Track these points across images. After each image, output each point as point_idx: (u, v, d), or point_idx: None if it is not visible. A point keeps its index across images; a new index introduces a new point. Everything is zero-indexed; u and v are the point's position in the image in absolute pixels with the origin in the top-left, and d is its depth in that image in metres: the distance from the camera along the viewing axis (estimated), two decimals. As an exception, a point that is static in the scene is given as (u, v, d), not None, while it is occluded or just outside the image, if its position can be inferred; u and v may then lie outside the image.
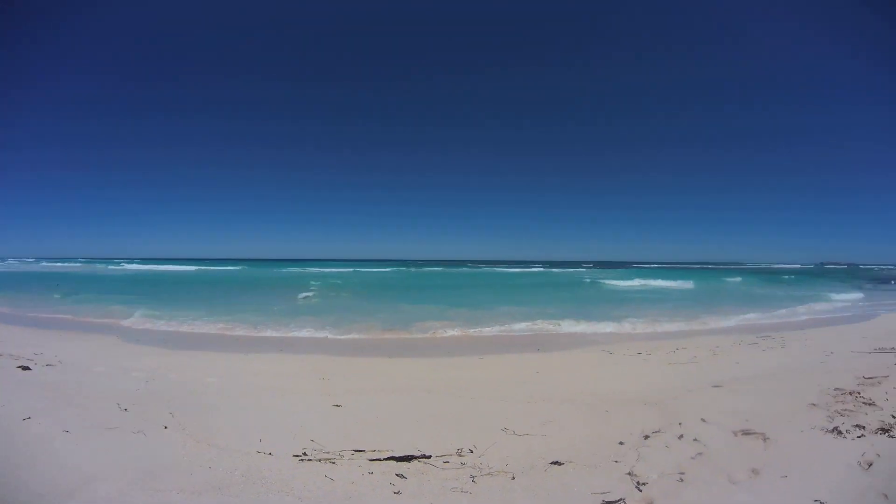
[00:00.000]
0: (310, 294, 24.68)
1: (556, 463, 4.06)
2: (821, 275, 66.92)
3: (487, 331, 13.48)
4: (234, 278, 43.54)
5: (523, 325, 14.37)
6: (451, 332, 13.07)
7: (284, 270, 60.35)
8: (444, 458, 4.13)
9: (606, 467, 3.99)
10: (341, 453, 4.19)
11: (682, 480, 3.75)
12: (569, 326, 14.37)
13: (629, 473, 3.86)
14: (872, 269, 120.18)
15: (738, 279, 47.20)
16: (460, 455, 4.20)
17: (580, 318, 15.66)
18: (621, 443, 4.51)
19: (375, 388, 6.83)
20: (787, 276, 55.11)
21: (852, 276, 64.85)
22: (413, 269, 70.99)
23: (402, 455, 4.11)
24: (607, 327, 14.29)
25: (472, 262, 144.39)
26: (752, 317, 17.18)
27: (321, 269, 60.97)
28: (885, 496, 3.45)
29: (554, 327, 14.25)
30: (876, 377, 6.80)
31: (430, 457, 4.12)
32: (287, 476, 3.80)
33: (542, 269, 79.14)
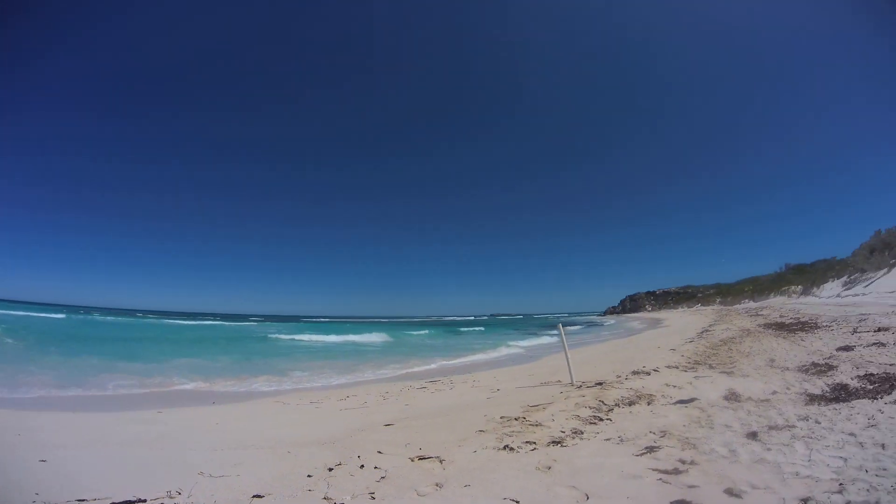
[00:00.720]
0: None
1: (257, 496, 4.47)
2: (496, 325, 79.75)
3: (163, 384, 13.59)
4: None
5: (198, 377, 14.77)
6: (128, 388, 12.90)
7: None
8: (159, 501, 4.38)
9: (303, 496, 4.47)
10: (67, 502, 4.29)
11: (373, 498, 4.30)
12: (243, 380, 14.91)
13: (325, 498, 4.34)
14: (549, 317, 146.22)
15: (425, 332, 51.77)
16: (171, 497, 4.47)
17: (253, 371, 16.75)
18: (309, 475, 5.00)
19: (67, 442, 6.63)
20: (465, 329, 61.72)
21: (527, 324, 79.82)
22: (84, 316, 66.45)
23: (121, 500, 4.33)
24: (280, 380, 15.00)
25: (142, 311, 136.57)
26: (433, 365, 19.13)
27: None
28: (573, 487, 4.22)
29: (229, 380, 14.64)
30: (541, 404, 7.91)
31: (145, 500, 4.37)
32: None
33: (214, 321, 76.74)
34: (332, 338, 37.65)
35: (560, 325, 12.59)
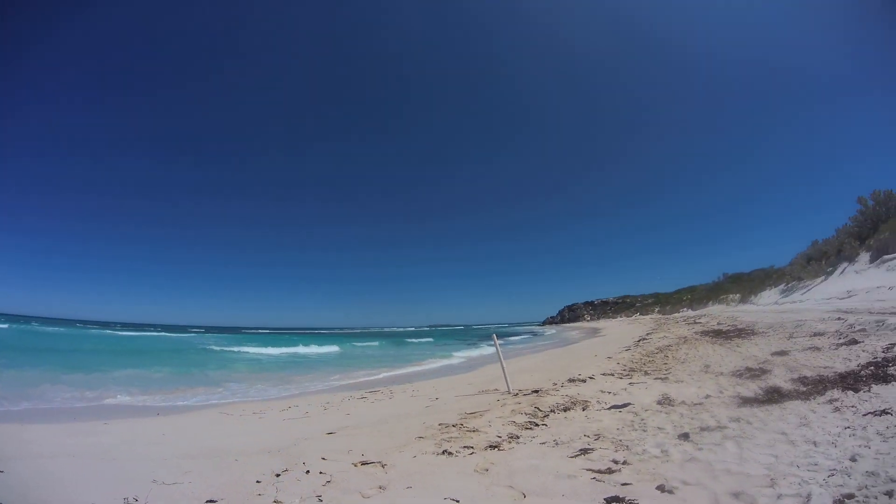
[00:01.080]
0: None
1: (210, 501, 4.72)
2: (438, 335, 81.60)
3: (106, 396, 13.71)
4: None
5: (141, 389, 14.98)
6: (72, 400, 13.04)
7: None
8: (118, 508, 4.69)
9: (254, 500, 4.72)
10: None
11: (321, 500, 4.54)
12: (187, 391, 15.23)
13: (275, 501, 4.59)
14: (490, 327, 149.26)
15: (376, 343, 52.26)
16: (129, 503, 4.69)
17: (196, 383, 17.18)
18: (258, 481, 5.23)
19: (20, 454, 6.77)
20: (413, 340, 63.53)
21: (468, 334, 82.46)
22: (24, 326, 64.64)
23: (86, 508, 4.66)
24: (223, 392, 15.39)
25: (82, 321, 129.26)
26: (379, 376, 19.70)
27: None
28: (511, 486, 4.48)
29: (172, 392, 14.93)
30: (478, 411, 8.26)
31: (105, 507, 4.69)
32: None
33: (154, 332, 76.09)
34: (273, 349, 37.99)
35: (495, 335, 12.90)
